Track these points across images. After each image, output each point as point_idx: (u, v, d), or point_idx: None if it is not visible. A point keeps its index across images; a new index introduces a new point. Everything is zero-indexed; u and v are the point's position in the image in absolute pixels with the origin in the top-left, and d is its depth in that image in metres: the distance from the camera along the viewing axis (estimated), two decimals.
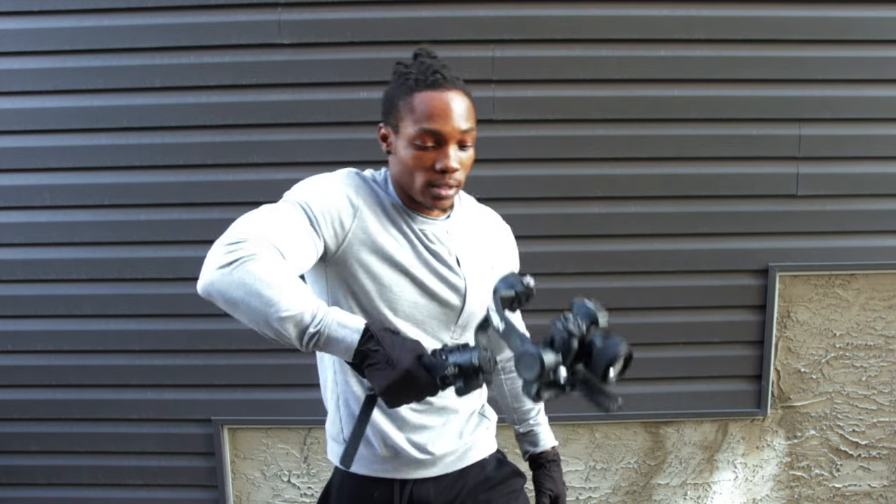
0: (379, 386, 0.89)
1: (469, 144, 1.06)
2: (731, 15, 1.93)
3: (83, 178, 1.97)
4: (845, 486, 2.22)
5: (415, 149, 1.03)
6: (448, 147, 1.02)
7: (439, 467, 1.19)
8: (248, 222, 0.94)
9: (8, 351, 2.06)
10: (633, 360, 0.81)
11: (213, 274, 0.88)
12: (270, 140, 1.95)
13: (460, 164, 1.04)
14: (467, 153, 1.06)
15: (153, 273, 2.00)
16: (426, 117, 1.01)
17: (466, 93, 1.06)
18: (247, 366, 2.04)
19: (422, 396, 0.90)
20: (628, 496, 2.21)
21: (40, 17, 1.90)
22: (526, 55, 1.93)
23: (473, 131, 1.06)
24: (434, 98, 1.02)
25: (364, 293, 1.06)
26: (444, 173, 1.02)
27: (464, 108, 1.04)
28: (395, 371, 0.88)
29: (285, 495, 2.17)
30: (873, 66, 1.96)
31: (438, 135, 1.01)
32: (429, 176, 1.03)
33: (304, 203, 1.00)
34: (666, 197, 2.01)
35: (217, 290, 0.88)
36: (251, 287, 0.86)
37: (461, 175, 1.06)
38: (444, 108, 1.01)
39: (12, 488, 2.14)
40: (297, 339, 0.88)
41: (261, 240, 0.90)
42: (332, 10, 1.91)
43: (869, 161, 2.01)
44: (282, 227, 0.94)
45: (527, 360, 0.81)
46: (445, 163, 1.02)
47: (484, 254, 1.18)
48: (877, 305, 2.10)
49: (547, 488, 1.30)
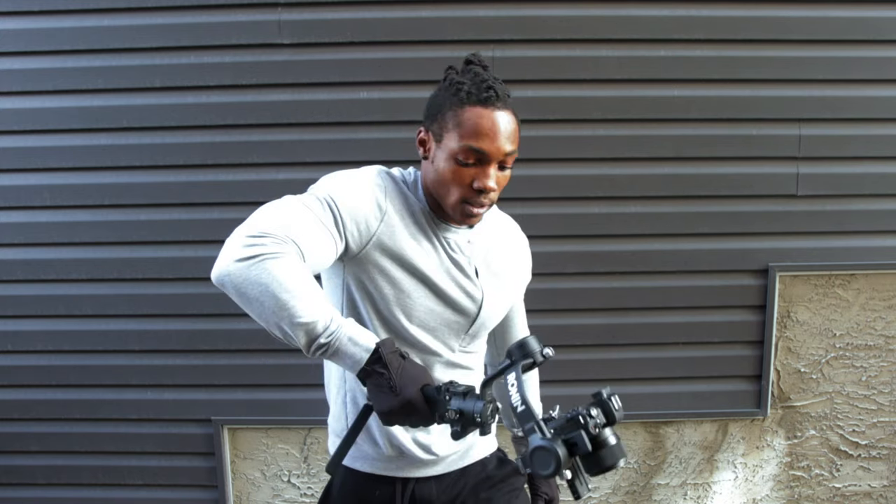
0: (379, 407, 0.89)
1: (509, 166, 1.05)
2: (731, 15, 1.93)
3: (83, 178, 1.97)
4: (845, 486, 2.22)
5: (455, 163, 1.01)
6: (489, 167, 1.01)
7: (442, 466, 1.19)
8: (273, 215, 0.92)
9: (8, 351, 2.06)
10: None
11: (230, 265, 0.87)
12: (270, 140, 1.95)
13: (497, 185, 1.03)
14: (505, 173, 1.05)
15: (153, 273, 2.00)
16: (473, 134, 0.99)
17: (514, 113, 1.04)
18: (247, 366, 2.04)
19: (417, 425, 0.91)
20: (628, 496, 2.21)
21: (40, 17, 1.90)
22: (526, 55, 1.93)
23: (516, 153, 1.04)
24: (484, 116, 1.00)
25: (381, 296, 1.05)
26: (481, 193, 1.02)
27: (511, 129, 1.02)
28: (396, 398, 0.87)
29: (285, 495, 2.17)
30: (873, 66, 1.96)
31: (482, 154, 1.00)
32: (464, 193, 1.02)
33: (331, 200, 0.98)
34: (666, 197, 2.01)
35: (232, 282, 0.87)
36: (268, 287, 0.85)
37: (496, 195, 1.05)
38: (493, 128, 1.00)
39: (12, 488, 2.14)
40: (305, 346, 0.88)
41: (283, 237, 0.88)
42: (332, 10, 1.91)
43: (869, 161, 2.01)
44: (305, 225, 0.92)
45: (542, 457, 0.80)
46: (485, 182, 1.01)
47: (503, 266, 1.19)
48: (877, 305, 2.10)
49: (542, 492, 1.31)
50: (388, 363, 0.88)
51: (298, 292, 0.85)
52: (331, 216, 0.97)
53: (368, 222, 1.00)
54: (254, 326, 2.01)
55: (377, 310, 1.06)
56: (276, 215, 0.92)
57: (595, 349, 2.06)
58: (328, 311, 0.88)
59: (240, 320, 2.00)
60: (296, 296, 0.85)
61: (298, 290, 0.85)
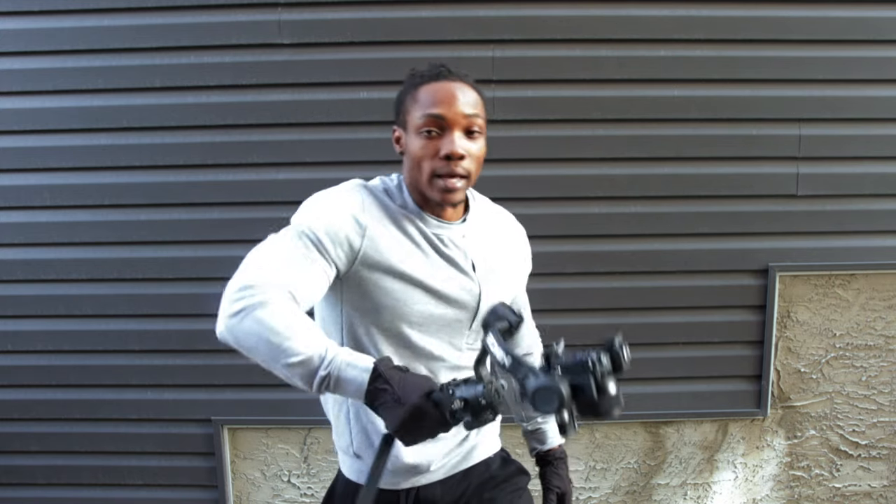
0: (391, 424, 0.88)
1: (477, 132, 1.05)
2: (731, 15, 1.93)
3: (83, 178, 1.97)
4: (845, 486, 2.22)
5: (421, 138, 1.03)
6: (452, 133, 1.02)
7: (444, 470, 1.19)
8: (256, 263, 0.95)
9: (8, 351, 2.06)
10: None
11: (225, 322, 0.91)
12: (270, 140, 1.95)
13: (467, 152, 1.03)
14: (476, 144, 1.05)
15: (153, 273, 2.00)
16: (430, 104, 1.02)
17: (474, 86, 1.07)
18: (247, 366, 2.02)
19: (435, 432, 0.88)
20: (628, 496, 2.21)
21: (40, 17, 1.90)
22: (526, 55, 1.93)
23: (480, 119, 1.05)
24: (438, 87, 1.03)
25: (379, 310, 1.05)
26: (450, 160, 1.01)
27: (469, 95, 1.04)
28: (403, 409, 0.86)
29: (285, 495, 2.17)
30: (873, 66, 1.96)
31: (442, 119, 1.02)
32: (434, 165, 1.02)
33: (310, 230, 0.99)
34: (666, 197, 2.01)
35: (231, 337, 0.91)
36: (260, 336, 0.88)
37: (469, 164, 1.04)
38: (448, 95, 1.02)
39: (12, 488, 2.14)
40: (307, 382, 0.89)
41: (268, 284, 0.91)
42: (332, 10, 1.91)
43: (869, 161, 2.01)
44: (290, 263, 0.95)
45: (546, 396, 0.80)
46: (450, 148, 1.01)
47: (500, 258, 1.18)
48: (877, 305, 2.10)
49: (554, 485, 1.29)
50: (389, 378, 0.88)
51: (290, 333, 0.88)
52: (313, 247, 0.98)
53: (351, 241, 1.00)
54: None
55: (378, 324, 1.06)
56: (260, 262, 0.95)
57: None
58: (322, 343, 0.89)
59: None
60: (287, 337, 0.87)
61: (289, 331, 0.88)
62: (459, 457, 1.21)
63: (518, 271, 1.26)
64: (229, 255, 1.99)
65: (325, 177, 1.99)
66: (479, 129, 1.05)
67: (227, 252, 1.99)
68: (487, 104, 1.10)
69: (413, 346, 1.09)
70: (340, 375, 0.88)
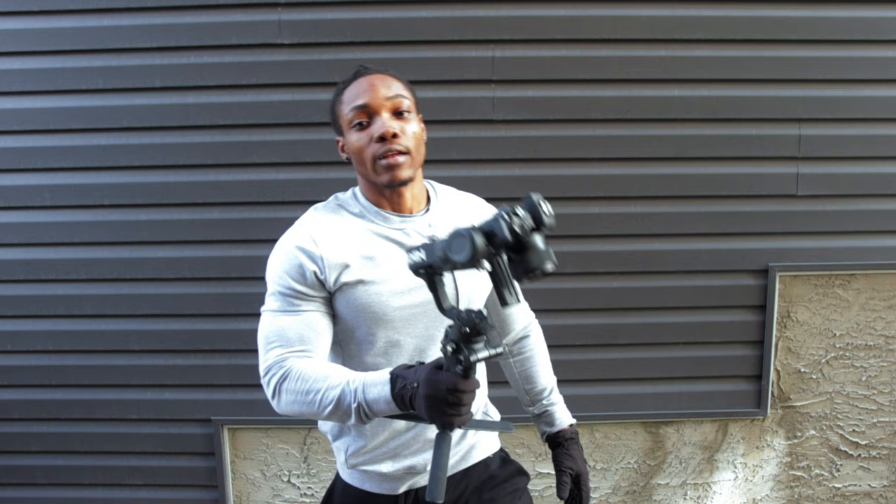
0: (424, 412, 0.89)
1: (405, 111, 1.09)
2: (731, 15, 1.93)
3: (83, 178, 1.97)
4: (845, 486, 2.22)
5: (355, 131, 1.09)
6: (380, 117, 1.07)
7: None
8: (263, 344, 1.05)
9: (8, 351, 2.06)
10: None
11: (273, 405, 1.04)
12: (270, 140, 1.95)
13: (401, 131, 1.07)
14: (409, 123, 1.09)
15: (153, 273, 2.00)
16: (353, 98, 1.09)
17: (394, 75, 1.13)
18: (247, 366, 2.04)
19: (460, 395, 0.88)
20: (628, 496, 2.21)
21: (40, 17, 1.90)
22: (526, 55, 1.93)
23: (406, 99, 1.10)
24: (358, 83, 1.11)
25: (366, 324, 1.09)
26: (384, 140, 1.06)
27: (386, 81, 1.10)
28: (421, 387, 0.89)
29: (285, 495, 2.17)
30: (873, 66, 1.96)
31: (366, 107, 1.07)
32: (373, 150, 1.07)
33: (282, 286, 1.06)
34: (666, 197, 2.01)
35: (285, 413, 1.04)
36: (296, 402, 1.00)
37: (406, 141, 1.08)
38: (367, 86, 1.09)
39: (12, 488, 2.14)
40: (349, 419, 0.97)
41: (280, 358, 1.03)
42: (332, 10, 1.91)
43: (869, 161, 2.01)
44: (286, 327, 1.05)
45: (458, 243, 0.80)
46: (381, 129, 1.06)
47: None
48: (877, 305, 2.10)
49: (567, 467, 1.26)
50: (406, 377, 0.92)
51: (315, 387, 0.98)
52: (293, 298, 1.06)
53: (317, 275, 1.06)
54: (254, 326, 2.01)
55: (370, 341, 1.10)
56: (265, 341, 1.05)
57: (595, 349, 2.06)
58: (341, 380, 0.97)
59: (240, 320, 2.00)
60: (315, 391, 0.98)
61: (314, 386, 0.98)
62: (458, 456, 1.21)
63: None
64: (229, 255, 2.01)
65: (325, 177, 2.00)
66: (407, 109, 1.10)
67: (227, 252, 1.99)
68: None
69: (401, 345, 1.10)
70: (367, 399, 0.95)
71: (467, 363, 0.86)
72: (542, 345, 1.35)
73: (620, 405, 2.09)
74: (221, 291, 2.01)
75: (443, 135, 1.91)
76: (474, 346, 0.87)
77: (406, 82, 1.14)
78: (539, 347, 1.34)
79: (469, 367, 0.87)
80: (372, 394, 0.94)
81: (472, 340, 0.87)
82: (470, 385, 0.88)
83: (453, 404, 0.88)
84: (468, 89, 1.94)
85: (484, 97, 1.94)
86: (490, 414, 1.28)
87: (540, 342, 1.35)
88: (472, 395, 0.89)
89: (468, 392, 0.88)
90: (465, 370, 0.87)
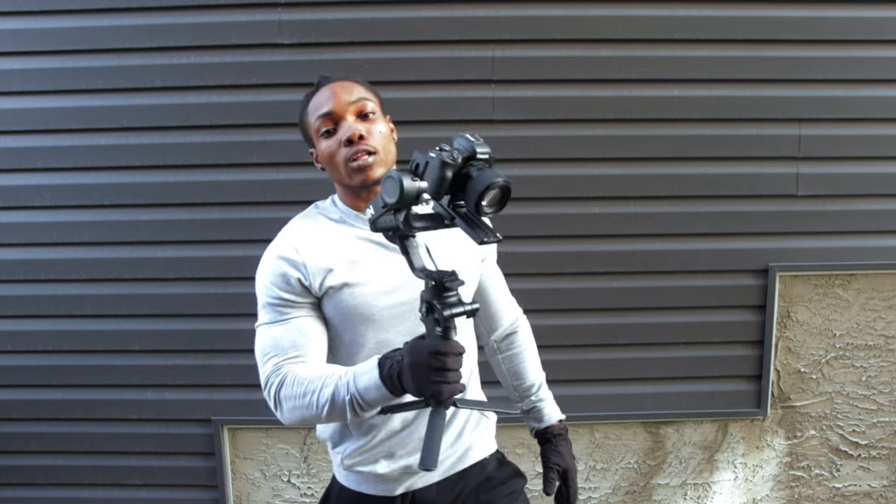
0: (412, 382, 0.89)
1: (369, 113, 1.11)
2: (731, 15, 1.93)
3: (83, 178, 1.97)
4: (845, 486, 2.22)
5: (323, 139, 1.11)
6: (345, 121, 1.10)
7: (440, 471, 1.19)
8: (260, 357, 1.08)
9: (8, 351, 2.06)
10: (510, 192, 0.83)
11: (279, 417, 1.06)
12: (270, 140, 1.95)
13: (367, 132, 1.09)
14: (375, 125, 1.11)
15: (153, 273, 2.00)
16: (317, 108, 1.12)
17: (356, 79, 1.15)
18: (247, 366, 2.04)
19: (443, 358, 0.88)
20: (628, 496, 2.21)
21: (40, 17, 1.90)
22: (526, 55, 1.93)
23: (369, 101, 1.12)
24: (320, 93, 1.13)
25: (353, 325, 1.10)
26: (351, 143, 1.08)
27: (347, 87, 1.12)
28: (405, 358, 0.91)
29: (285, 495, 2.17)
30: (873, 66, 1.96)
31: (330, 114, 1.10)
32: (343, 154, 1.09)
33: (270, 297, 1.09)
34: (666, 197, 2.01)
35: (291, 423, 1.06)
36: (297, 409, 1.02)
37: (374, 142, 1.09)
38: (329, 94, 1.11)
39: (12, 488, 2.14)
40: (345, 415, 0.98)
41: (275, 367, 1.05)
42: (332, 10, 1.91)
43: (869, 161, 2.01)
44: (277, 336, 1.07)
45: (388, 184, 0.84)
46: (348, 132, 1.08)
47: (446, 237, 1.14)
48: (877, 305, 2.10)
49: (553, 462, 1.26)
50: (391, 356, 0.94)
51: (308, 390, 1.00)
52: (281, 307, 1.08)
53: (301, 282, 1.08)
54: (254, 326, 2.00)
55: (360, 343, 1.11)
56: (261, 354, 1.08)
57: (595, 349, 2.06)
58: (332, 377, 0.99)
59: (240, 320, 2.00)
60: (311, 392, 1.00)
61: (308, 389, 1.00)
62: (455, 457, 1.21)
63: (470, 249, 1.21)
64: (229, 255, 2.01)
65: (325, 177, 1.99)
66: (371, 111, 1.12)
67: (228, 252, 1.99)
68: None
69: (391, 344, 1.10)
70: (358, 388, 0.96)
71: (441, 317, 0.87)
72: (530, 341, 1.36)
73: (620, 405, 2.09)
74: (221, 291, 2.01)
75: (443, 135, 1.90)
76: (447, 301, 0.88)
77: (368, 85, 1.16)
78: (527, 343, 1.35)
79: (446, 324, 0.88)
80: (362, 382, 0.95)
81: (443, 297, 0.88)
82: (451, 346, 0.89)
83: (437, 369, 0.88)
84: (468, 89, 1.94)
85: (484, 97, 1.94)
86: (486, 414, 1.28)
87: (528, 338, 1.36)
88: (455, 358, 0.89)
89: (451, 354, 0.88)
90: (445, 330, 0.89)
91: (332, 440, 1.21)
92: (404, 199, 0.82)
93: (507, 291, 1.35)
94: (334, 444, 1.21)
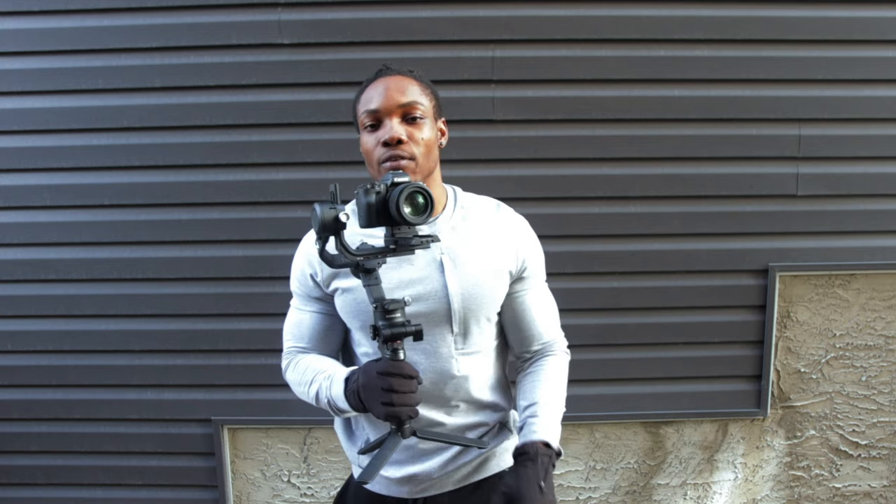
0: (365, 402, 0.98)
1: (417, 117, 1.09)
2: (731, 15, 1.93)
3: (83, 178, 1.97)
4: (845, 486, 2.22)
5: (366, 133, 1.11)
6: (389, 121, 1.08)
7: (454, 481, 1.19)
8: (284, 333, 1.22)
9: (8, 351, 2.06)
10: (427, 194, 0.90)
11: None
12: (270, 140, 1.95)
13: (409, 136, 1.07)
14: (419, 130, 1.09)
15: (153, 273, 2.00)
16: (367, 101, 1.10)
17: (414, 76, 1.13)
18: (247, 366, 2.04)
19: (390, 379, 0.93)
20: (628, 496, 2.21)
21: (40, 17, 1.90)
22: (526, 55, 1.93)
23: (420, 105, 1.09)
24: (375, 85, 1.11)
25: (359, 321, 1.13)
26: (388, 146, 1.06)
27: (401, 85, 1.10)
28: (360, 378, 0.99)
29: (285, 495, 2.17)
30: (873, 66, 1.96)
31: (376, 112, 1.08)
32: (378, 153, 1.08)
33: (295, 289, 1.20)
34: (666, 197, 2.01)
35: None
36: (297, 392, 1.16)
37: (412, 148, 1.07)
38: (381, 90, 1.09)
39: (12, 488, 2.14)
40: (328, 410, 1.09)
41: (287, 351, 1.20)
42: (332, 10, 1.91)
43: (869, 161, 2.01)
44: (294, 324, 1.20)
45: (312, 217, 0.92)
46: (388, 134, 1.06)
47: (469, 251, 1.12)
48: (877, 305, 2.10)
49: (506, 484, 1.17)
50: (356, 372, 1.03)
51: (304, 380, 1.12)
52: (301, 300, 1.19)
53: (315, 279, 1.16)
54: (254, 326, 2.01)
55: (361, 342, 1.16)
56: (285, 332, 1.22)
57: (595, 349, 2.06)
58: (320, 376, 1.09)
59: (240, 320, 2.00)
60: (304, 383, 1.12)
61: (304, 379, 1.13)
62: (471, 468, 1.19)
63: (500, 263, 1.15)
64: (229, 255, 2.01)
65: (325, 177, 2.00)
66: (420, 116, 1.09)
67: (227, 252, 1.99)
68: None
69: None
70: (332, 395, 1.05)
71: (382, 335, 0.91)
72: (556, 373, 1.21)
73: (620, 405, 2.09)
74: (221, 291, 2.01)
75: None
76: (391, 321, 0.92)
77: (426, 84, 1.14)
78: (551, 373, 1.20)
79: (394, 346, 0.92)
80: (336, 391, 1.04)
81: (387, 318, 0.92)
82: (399, 368, 0.92)
83: (385, 390, 0.92)
84: (468, 89, 1.94)
85: (484, 97, 1.94)
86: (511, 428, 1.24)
87: (555, 369, 1.21)
88: (403, 379, 0.93)
89: (397, 375, 0.92)
90: (393, 352, 0.92)
91: (344, 435, 1.24)
92: (325, 225, 0.89)
93: (553, 320, 1.25)
94: (346, 438, 1.24)
